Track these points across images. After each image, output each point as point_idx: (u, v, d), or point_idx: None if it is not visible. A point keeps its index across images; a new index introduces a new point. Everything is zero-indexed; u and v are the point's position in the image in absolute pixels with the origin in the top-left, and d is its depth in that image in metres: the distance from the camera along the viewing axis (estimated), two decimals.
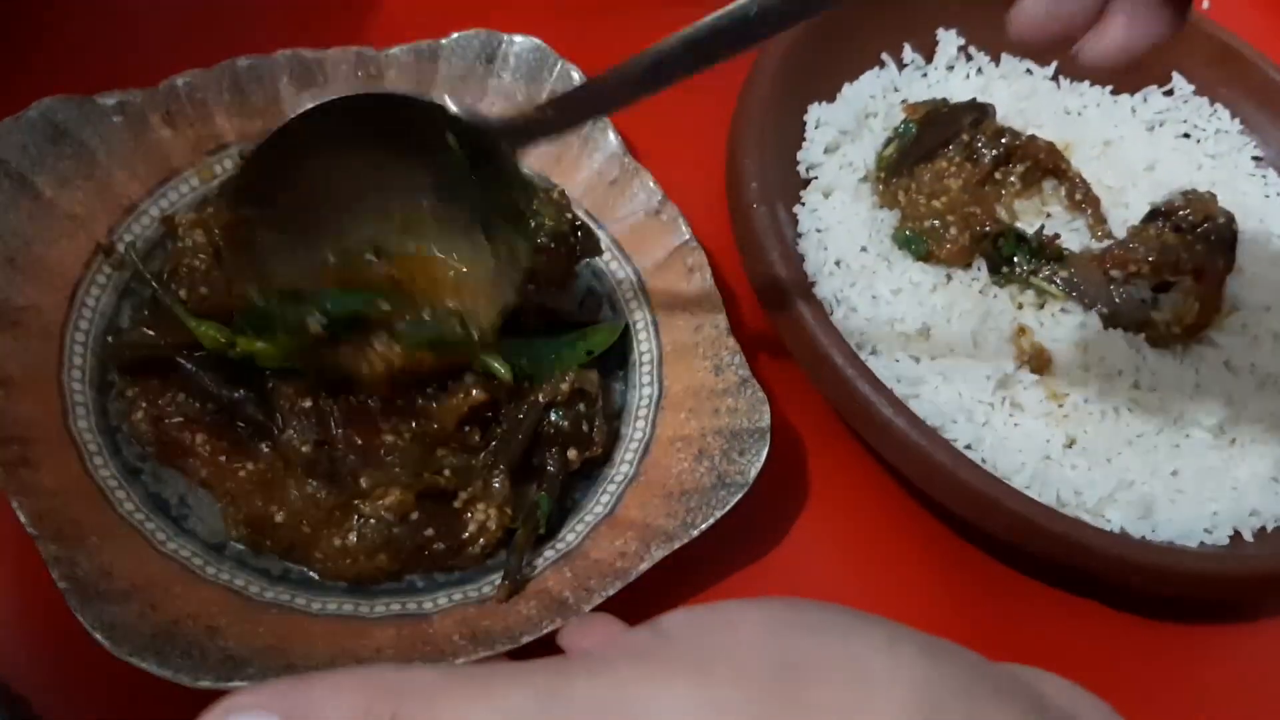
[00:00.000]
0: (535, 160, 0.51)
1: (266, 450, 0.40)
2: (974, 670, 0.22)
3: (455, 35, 0.52)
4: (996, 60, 0.60)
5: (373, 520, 0.38)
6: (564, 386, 0.43)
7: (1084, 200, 0.55)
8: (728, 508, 0.40)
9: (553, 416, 0.42)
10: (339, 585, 0.39)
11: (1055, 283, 0.51)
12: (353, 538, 0.38)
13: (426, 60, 0.51)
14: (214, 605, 0.37)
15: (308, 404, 0.40)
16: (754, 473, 0.40)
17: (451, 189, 0.41)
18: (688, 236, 0.48)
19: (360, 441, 0.39)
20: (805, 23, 0.53)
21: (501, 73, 0.51)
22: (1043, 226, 0.52)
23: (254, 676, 0.34)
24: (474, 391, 0.40)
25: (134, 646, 0.34)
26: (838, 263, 0.50)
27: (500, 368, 0.40)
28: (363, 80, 0.50)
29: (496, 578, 0.39)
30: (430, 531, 0.39)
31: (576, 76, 0.51)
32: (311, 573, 0.39)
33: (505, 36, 0.51)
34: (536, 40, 0.52)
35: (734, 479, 0.40)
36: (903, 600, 0.45)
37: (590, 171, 0.50)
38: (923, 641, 0.22)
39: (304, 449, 0.39)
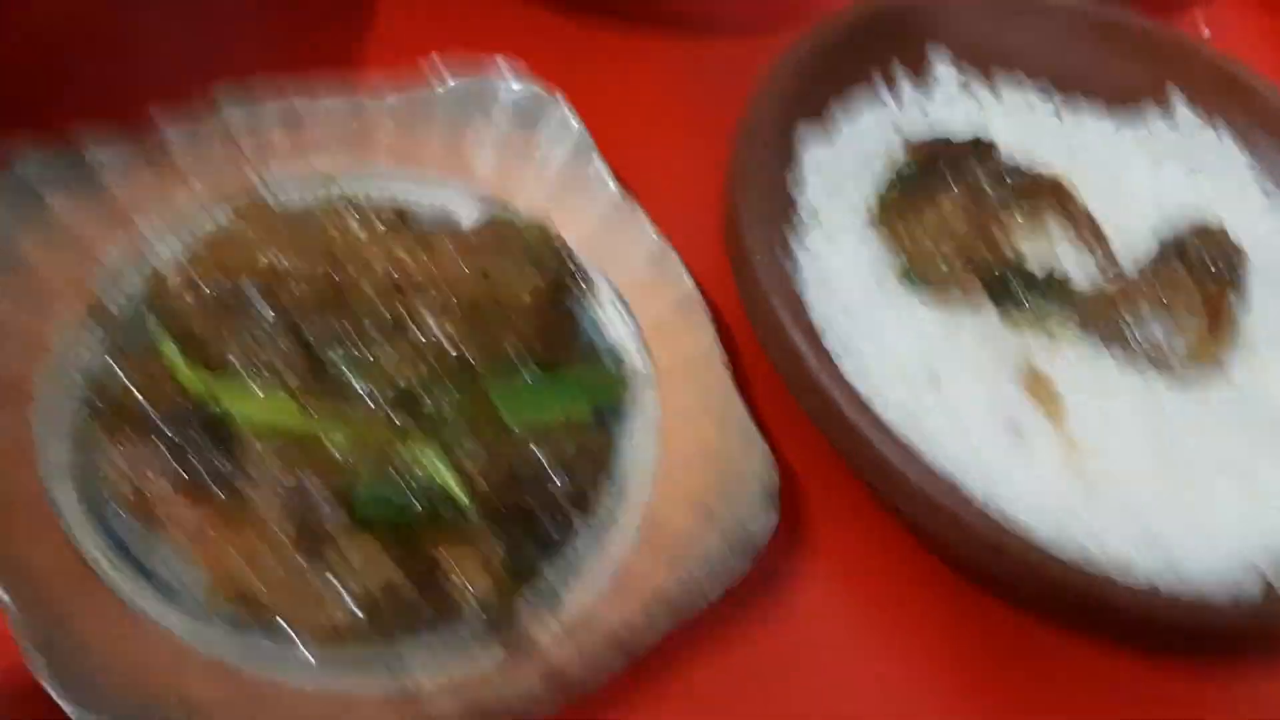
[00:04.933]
0: (531, 208, 0.50)
1: (245, 517, 0.38)
2: None
3: (450, 83, 0.51)
4: (998, 94, 0.59)
5: (354, 586, 0.37)
6: (565, 444, 0.41)
7: (1092, 237, 0.54)
8: (737, 575, 0.38)
9: (552, 474, 0.41)
10: (327, 656, 0.37)
11: (1066, 324, 0.50)
12: (335, 606, 0.37)
13: (421, 108, 0.50)
14: (194, 679, 0.35)
15: (288, 480, 0.38)
16: (763, 537, 0.39)
17: None
18: (690, 288, 0.47)
19: (344, 515, 0.38)
20: (800, 61, 0.53)
21: (497, 121, 0.50)
22: (1053, 269, 0.51)
23: None
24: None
25: None
26: (844, 310, 0.49)
27: (461, 497, 0.39)
28: (356, 130, 0.49)
29: (493, 646, 0.38)
30: (416, 596, 0.37)
31: (574, 124, 0.50)
32: (297, 643, 0.37)
33: (501, 83, 0.50)
34: (533, 86, 0.51)
35: (742, 543, 0.39)
36: (922, 658, 0.44)
37: (588, 219, 0.49)
38: None
39: (281, 524, 0.38)
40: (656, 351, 0.47)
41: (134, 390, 0.41)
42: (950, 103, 0.58)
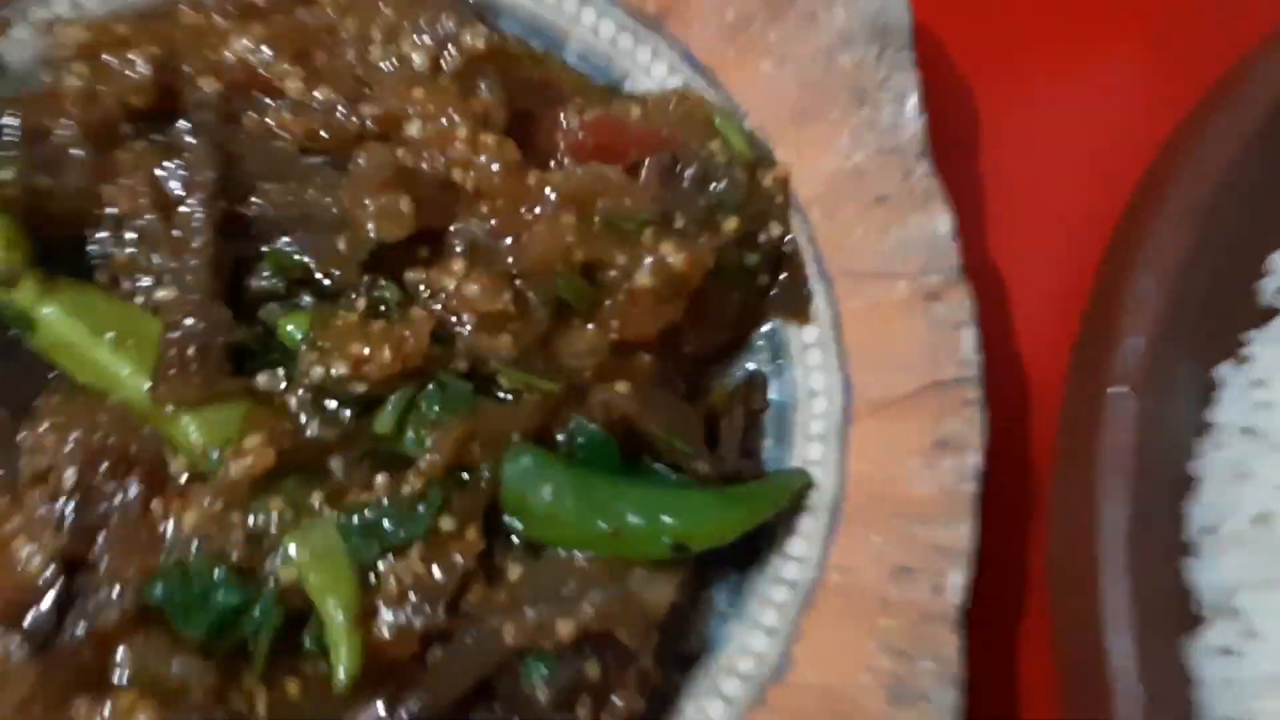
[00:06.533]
0: (767, 112, 0.26)
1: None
2: None
3: None
4: None
5: None
6: (564, 630, 0.22)
7: None
8: None
9: (541, 672, 0.21)
10: None
11: None
12: None
13: None
14: None
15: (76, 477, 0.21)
16: None
17: None
18: (971, 369, 0.23)
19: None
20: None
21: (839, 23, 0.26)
22: None
23: None
24: None
25: None
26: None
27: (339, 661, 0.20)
28: None
29: None
30: None
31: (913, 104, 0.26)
32: None
33: None
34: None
35: None
36: None
37: (845, 160, 0.25)
38: None
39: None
40: (857, 458, 0.24)
41: None
42: None
